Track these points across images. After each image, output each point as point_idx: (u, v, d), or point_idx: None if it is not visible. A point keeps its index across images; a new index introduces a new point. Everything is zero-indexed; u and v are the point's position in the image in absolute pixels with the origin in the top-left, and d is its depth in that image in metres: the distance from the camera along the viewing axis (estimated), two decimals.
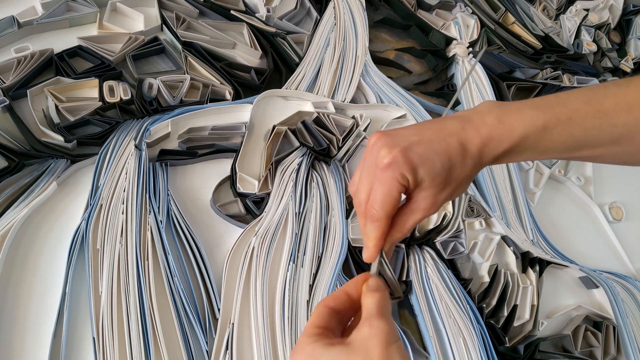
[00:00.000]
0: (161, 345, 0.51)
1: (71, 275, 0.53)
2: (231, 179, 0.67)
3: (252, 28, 0.83)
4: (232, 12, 0.83)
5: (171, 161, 0.66)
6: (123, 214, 0.58)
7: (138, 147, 0.64)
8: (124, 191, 0.60)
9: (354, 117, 0.78)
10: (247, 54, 0.80)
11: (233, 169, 0.67)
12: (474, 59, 0.81)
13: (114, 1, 0.76)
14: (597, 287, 0.78)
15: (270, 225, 0.63)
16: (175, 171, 0.66)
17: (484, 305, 0.68)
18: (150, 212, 0.59)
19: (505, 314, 0.69)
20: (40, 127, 0.61)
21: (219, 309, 0.56)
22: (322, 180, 0.71)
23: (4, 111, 0.62)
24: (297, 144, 0.72)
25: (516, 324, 0.68)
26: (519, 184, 0.85)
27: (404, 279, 0.67)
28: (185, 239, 0.59)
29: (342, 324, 0.36)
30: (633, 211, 0.94)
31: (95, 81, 0.67)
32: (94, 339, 0.50)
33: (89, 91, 0.67)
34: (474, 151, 0.36)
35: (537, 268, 0.75)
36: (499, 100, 0.93)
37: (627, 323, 0.75)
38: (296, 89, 0.78)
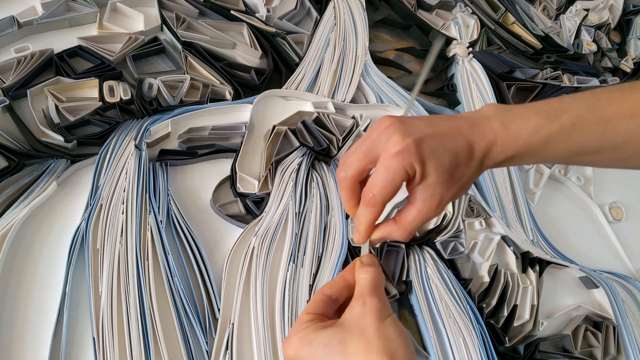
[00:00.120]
0: (161, 345, 0.51)
1: (71, 275, 0.53)
2: (231, 179, 0.67)
3: (252, 28, 0.83)
4: (232, 12, 0.83)
5: (171, 161, 0.66)
6: (123, 214, 0.58)
7: (138, 147, 0.64)
8: (124, 191, 0.60)
9: (354, 117, 0.78)
10: (247, 54, 0.80)
11: (233, 169, 0.67)
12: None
13: (114, 1, 0.76)
14: (597, 287, 0.78)
15: (270, 225, 0.63)
16: (175, 171, 0.66)
17: (484, 305, 0.68)
18: (150, 212, 0.59)
19: (505, 314, 0.69)
20: (40, 127, 0.61)
21: (219, 309, 0.56)
22: (322, 180, 0.71)
23: (4, 111, 0.62)
24: (297, 144, 0.72)
25: (516, 324, 0.68)
26: (519, 184, 0.85)
27: (404, 279, 0.67)
28: (185, 239, 0.59)
29: (339, 311, 0.36)
30: (633, 211, 0.94)
31: (95, 81, 0.67)
32: (94, 339, 0.50)
33: (89, 91, 0.67)
34: (479, 154, 0.36)
35: (537, 268, 0.75)
36: (499, 101, 0.93)
37: (627, 323, 0.75)
38: (296, 89, 0.78)
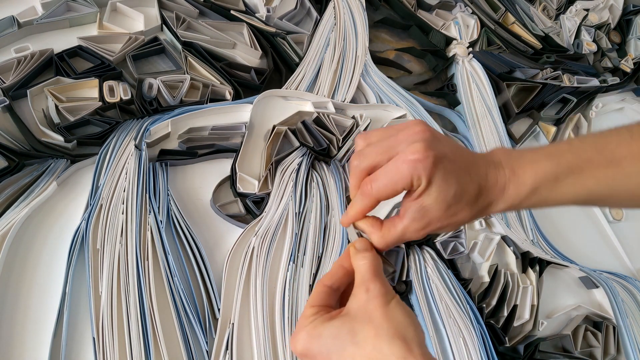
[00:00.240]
0: (161, 345, 0.51)
1: (71, 275, 0.53)
2: (231, 179, 0.67)
3: (252, 28, 0.83)
4: (232, 12, 0.83)
5: (171, 161, 0.66)
6: (123, 214, 0.58)
7: (138, 147, 0.64)
8: (124, 191, 0.60)
9: (354, 117, 0.78)
10: (247, 54, 0.80)
11: (233, 169, 0.67)
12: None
13: (114, 1, 0.76)
14: (597, 287, 0.78)
15: (270, 225, 0.63)
16: (175, 171, 0.66)
17: (484, 305, 0.68)
18: (150, 212, 0.59)
19: (505, 314, 0.69)
20: (40, 127, 0.61)
21: (219, 309, 0.56)
22: (322, 180, 0.71)
23: (4, 111, 0.62)
24: (297, 144, 0.72)
25: (516, 324, 0.68)
26: None
27: (404, 279, 0.67)
28: (185, 239, 0.59)
29: (341, 300, 0.36)
30: (633, 211, 0.94)
31: (95, 81, 0.67)
32: (94, 339, 0.50)
33: (89, 91, 0.67)
34: (484, 202, 0.36)
35: (537, 268, 0.75)
36: (499, 100, 0.93)
37: (627, 323, 0.75)
38: (296, 89, 0.78)
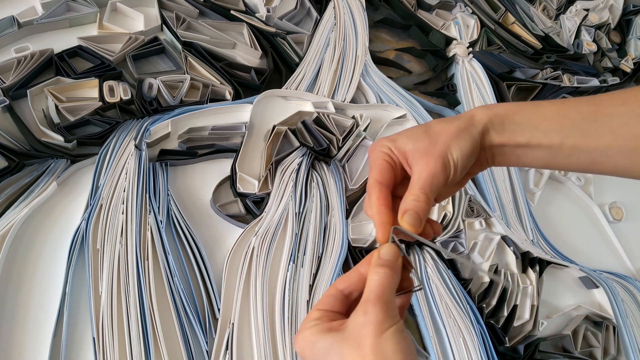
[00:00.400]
0: (161, 345, 0.51)
1: (71, 275, 0.53)
2: (231, 179, 0.67)
3: (252, 28, 0.83)
4: (232, 12, 0.83)
5: (171, 161, 0.66)
6: (123, 214, 0.58)
7: (138, 147, 0.64)
8: (124, 191, 0.60)
9: (354, 117, 0.78)
10: (247, 54, 0.80)
11: (233, 169, 0.67)
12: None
13: (114, 1, 0.76)
14: (597, 287, 0.78)
15: (270, 225, 0.63)
16: (175, 171, 0.66)
17: (484, 305, 0.68)
18: (150, 212, 0.59)
19: (505, 314, 0.69)
20: (40, 127, 0.61)
21: (219, 309, 0.56)
22: (322, 180, 0.71)
23: (4, 111, 0.62)
24: (297, 144, 0.72)
25: (516, 324, 0.68)
26: (519, 184, 0.85)
27: None
28: (185, 239, 0.59)
29: (354, 305, 0.34)
30: (633, 211, 0.94)
31: (95, 81, 0.67)
32: (94, 339, 0.50)
33: (89, 91, 0.67)
34: (480, 122, 0.37)
35: (537, 268, 0.75)
36: (499, 100, 0.93)
37: (627, 323, 0.75)
38: (296, 89, 0.78)
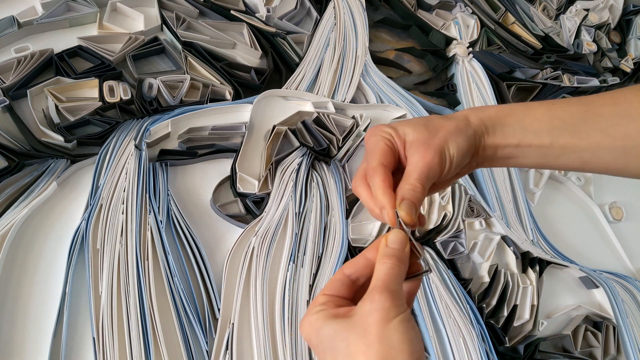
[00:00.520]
0: (161, 345, 0.51)
1: (71, 275, 0.53)
2: (231, 179, 0.67)
3: (252, 28, 0.83)
4: (232, 12, 0.83)
5: (171, 161, 0.66)
6: (123, 214, 0.58)
7: (138, 147, 0.64)
8: (124, 191, 0.60)
9: (354, 117, 0.78)
10: (247, 54, 0.80)
11: (233, 169, 0.67)
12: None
13: (114, 1, 0.76)
14: (597, 287, 0.78)
15: (270, 225, 0.63)
16: (175, 171, 0.66)
17: (484, 305, 0.68)
18: (150, 212, 0.59)
19: (505, 314, 0.69)
20: (40, 127, 0.61)
21: (219, 309, 0.56)
22: (322, 180, 0.71)
23: (4, 111, 0.62)
24: (297, 144, 0.72)
25: (516, 324, 0.68)
26: (519, 184, 0.85)
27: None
28: (185, 239, 0.59)
29: (360, 291, 0.34)
30: (633, 211, 0.94)
31: (95, 81, 0.67)
32: (94, 339, 0.50)
33: (89, 91, 0.67)
34: (473, 124, 0.37)
35: (537, 268, 0.75)
36: (499, 101, 0.93)
37: (627, 323, 0.75)
38: (296, 89, 0.78)
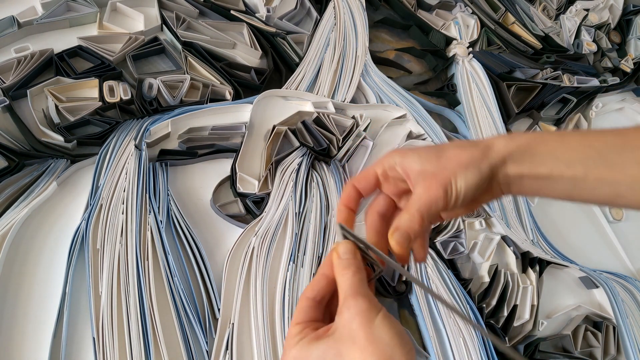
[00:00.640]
0: (161, 345, 0.51)
1: (71, 275, 0.53)
2: (231, 179, 0.67)
3: (252, 28, 0.83)
4: (232, 12, 0.83)
5: (171, 161, 0.66)
6: (123, 214, 0.58)
7: (138, 147, 0.64)
8: (124, 191, 0.60)
9: (354, 117, 0.78)
10: (247, 54, 0.80)
11: (233, 169, 0.67)
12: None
13: (114, 1, 0.76)
14: (597, 287, 0.78)
15: (270, 225, 0.63)
16: (175, 171, 0.66)
17: (484, 305, 0.68)
18: (150, 212, 0.59)
19: (505, 314, 0.69)
20: (40, 127, 0.61)
21: (219, 309, 0.56)
22: (322, 180, 0.71)
23: (4, 111, 0.62)
24: (297, 144, 0.72)
25: (516, 324, 0.68)
26: None
27: (404, 279, 0.67)
28: (185, 239, 0.59)
29: (329, 309, 0.35)
30: (633, 211, 0.94)
31: (95, 81, 0.67)
32: (94, 339, 0.50)
33: (89, 91, 0.67)
34: (498, 153, 0.36)
35: (537, 268, 0.75)
36: (499, 101, 0.93)
37: (627, 323, 0.75)
38: (296, 89, 0.78)
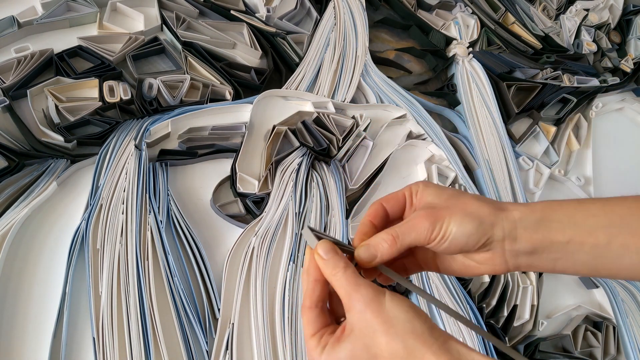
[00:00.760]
0: (161, 345, 0.51)
1: (71, 275, 0.53)
2: (231, 179, 0.67)
3: (252, 28, 0.83)
4: (232, 12, 0.83)
5: (171, 161, 0.66)
6: (123, 214, 0.58)
7: (138, 147, 0.64)
8: (124, 191, 0.60)
9: (354, 117, 0.78)
10: (247, 54, 0.80)
11: (233, 169, 0.67)
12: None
13: (114, 1, 0.76)
14: (597, 287, 0.78)
15: (270, 225, 0.63)
16: (175, 171, 0.66)
17: (484, 305, 0.68)
18: (150, 212, 0.59)
19: (505, 314, 0.69)
20: (40, 127, 0.61)
21: (219, 309, 0.56)
22: (322, 180, 0.71)
23: (4, 111, 0.62)
24: (297, 144, 0.72)
25: (516, 324, 0.68)
26: (519, 184, 0.85)
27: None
28: (185, 239, 0.59)
29: (333, 309, 0.35)
30: None
31: (95, 81, 0.67)
32: (94, 339, 0.50)
33: (89, 91, 0.67)
34: (504, 216, 0.34)
35: None
36: (499, 100, 0.93)
37: (627, 323, 0.75)
38: (296, 89, 0.78)
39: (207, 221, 0.64)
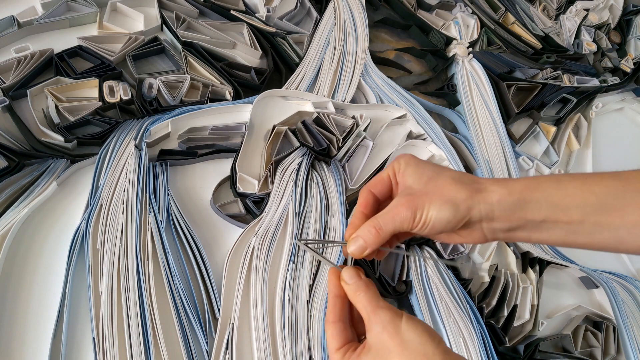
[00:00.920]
0: (161, 345, 0.51)
1: (71, 275, 0.53)
2: (231, 179, 0.67)
3: (252, 28, 0.83)
4: (232, 12, 0.83)
5: (171, 161, 0.66)
6: (123, 214, 0.58)
7: (138, 147, 0.64)
8: (124, 191, 0.60)
9: (354, 117, 0.78)
10: (247, 54, 0.80)
11: (233, 169, 0.67)
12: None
13: (114, 1, 0.76)
14: (597, 287, 0.78)
15: (270, 225, 0.63)
16: (175, 171, 0.66)
17: (484, 305, 0.68)
18: (150, 212, 0.59)
19: (505, 314, 0.69)
20: (40, 127, 0.61)
21: (219, 309, 0.56)
22: (322, 180, 0.71)
23: (4, 111, 0.62)
24: (297, 144, 0.72)
25: (516, 324, 0.68)
26: None
27: (404, 279, 0.67)
28: (185, 239, 0.59)
29: (357, 322, 0.38)
30: None
31: (95, 81, 0.67)
32: (94, 339, 0.50)
33: (89, 91, 0.67)
34: (471, 181, 0.37)
35: (537, 268, 0.75)
36: (499, 100, 0.93)
37: (627, 323, 0.75)
38: (296, 89, 0.78)
39: (207, 221, 0.64)
